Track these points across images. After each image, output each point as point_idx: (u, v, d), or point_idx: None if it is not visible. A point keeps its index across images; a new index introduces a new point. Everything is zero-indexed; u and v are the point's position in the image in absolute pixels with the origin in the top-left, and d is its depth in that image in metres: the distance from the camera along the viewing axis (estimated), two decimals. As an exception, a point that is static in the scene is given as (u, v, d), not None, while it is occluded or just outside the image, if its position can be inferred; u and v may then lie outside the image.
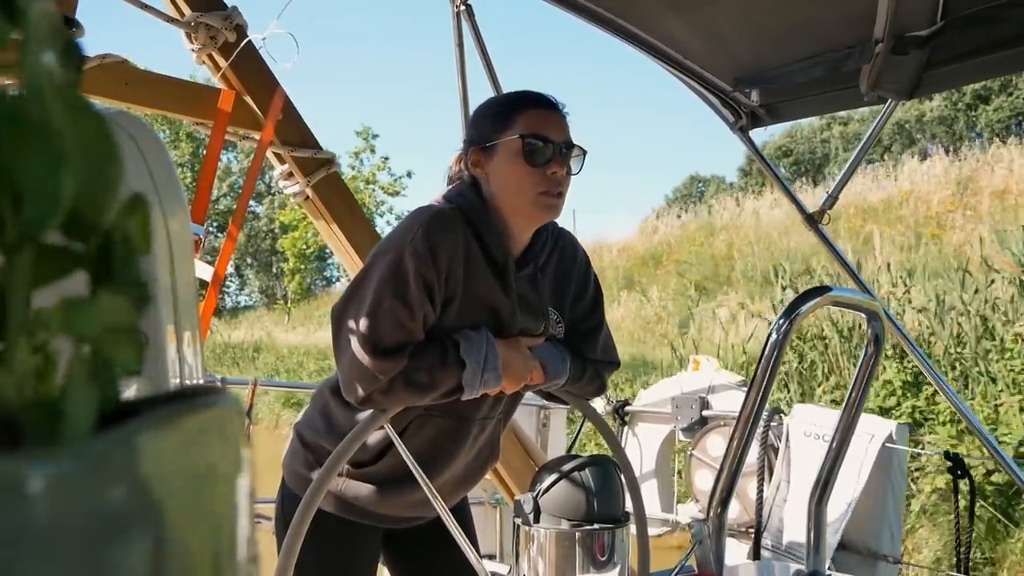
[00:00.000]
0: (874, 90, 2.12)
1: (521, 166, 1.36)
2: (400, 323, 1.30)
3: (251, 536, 0.24)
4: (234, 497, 0.23)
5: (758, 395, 1.43)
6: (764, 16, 2.13)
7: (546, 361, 1.45)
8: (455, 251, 1.34)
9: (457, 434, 1.50)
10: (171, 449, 0.20)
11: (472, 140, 1.44)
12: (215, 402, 0.23)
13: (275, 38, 2.34)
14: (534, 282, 1.47)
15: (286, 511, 1.54)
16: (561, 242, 1.55)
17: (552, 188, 1.37)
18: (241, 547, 0.23)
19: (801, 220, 2.60)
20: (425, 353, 1.33)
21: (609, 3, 2.25)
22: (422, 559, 1.64)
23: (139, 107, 2.25)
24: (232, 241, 2.52)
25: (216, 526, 0.22)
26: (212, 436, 0.22)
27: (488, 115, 1.44)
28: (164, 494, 0.20)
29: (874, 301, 1.71)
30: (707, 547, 1.45)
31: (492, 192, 1.41)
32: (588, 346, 1.55)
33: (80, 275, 0.21)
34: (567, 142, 1.39)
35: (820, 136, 22.77)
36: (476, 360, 1.34)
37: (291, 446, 1.60)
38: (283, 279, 27.05)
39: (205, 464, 0.22)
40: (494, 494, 3.20)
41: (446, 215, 1.36)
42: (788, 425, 2.86)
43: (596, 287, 1.59)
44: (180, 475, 0.20)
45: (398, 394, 1.32)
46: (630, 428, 3.49)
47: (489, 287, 1.39)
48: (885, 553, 2.58)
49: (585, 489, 1.41)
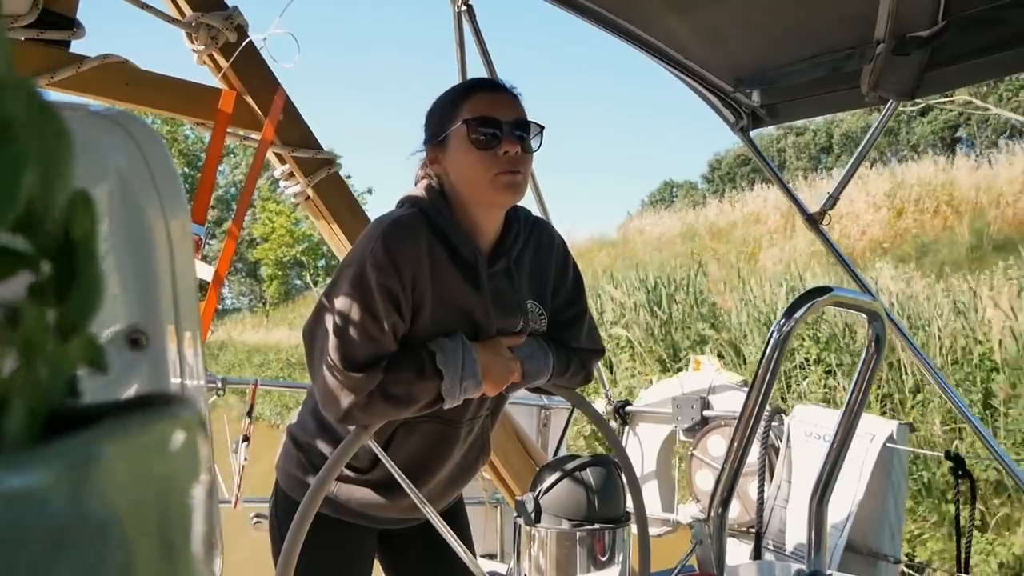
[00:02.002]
0: (875, 91, 2.12)
1: (472, 151, 1.33)
2: (370, 336, 1.28)
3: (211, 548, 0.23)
4: (191, 507, 0.22)
5: (759, 395, 1.43)
6: (765, 16, 2.13)
7: (528, 359, 1.43)
8: (417, 257, 1.31)
9: (446, 438, 1.49)
10: (124, 459, 0.20)
11: (427, 138, 1.41)
12: (176, 411, 0.22)
13: (275, 38, 2.35)
14: (509, 276, 1.43)
15: (280, 514, 1.54)
16: (536, 231, 1.51)
17: (507, 167, 1.32)
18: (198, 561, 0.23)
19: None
20: (401, 365, 1.31)
21: (610, 3, 2.25)
22: (418, 559, 1.64)
23: (140, 107, 2.25)
24: (233, 241, 2.52)
25: (172, 537, 0.21)
26: (169, 446, 0.22)
27: (436, 110, 1.41)
28: (117, 504, 0.19)
29: (875, 302, 1.71)
30: (708, 547, 1.46)
31: (453, 185, 1.38)
32: (571, 334, 1.52)
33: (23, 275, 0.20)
34: (518, 120, 1.35)
35: (776, 145, 23.04)
36: (453, 369, 1.32)
37: (284, 448, 1.60)
38: (263, 284, 29.65)
39: (162, 474, 0.21)
40: (494, 494, 3.20)
41: (404, 221, 1.34)
42: (789, 425, 2.86)
43: (576, 274, 1.55)
44: (135, 485, 0.20)
45: (377, 409, 1.30)
46: (631, 428, 3.48)
47: (460, 289, 1.36)
48: (886, 553, 2.58)
49: (586, 489, 1.41)
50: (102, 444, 0.19)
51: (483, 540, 3.22)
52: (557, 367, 1.47)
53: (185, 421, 0.22)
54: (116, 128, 0.77)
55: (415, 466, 1.47)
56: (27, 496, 0.17)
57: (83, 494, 0.18)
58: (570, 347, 1.51)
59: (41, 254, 0.20)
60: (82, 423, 0.20)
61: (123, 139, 0.76)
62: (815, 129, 21.91)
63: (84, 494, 0.18)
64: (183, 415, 0.22)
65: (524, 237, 1.46)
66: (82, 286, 0.21)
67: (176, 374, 0.76)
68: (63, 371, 0.21)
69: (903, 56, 2.01)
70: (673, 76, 2.49)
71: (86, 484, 0.18)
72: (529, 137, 1.36)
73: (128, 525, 0.19)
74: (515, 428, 2.81)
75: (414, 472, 1.47)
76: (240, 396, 5.05)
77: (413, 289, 1.31)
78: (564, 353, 1.49)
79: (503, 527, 3.29)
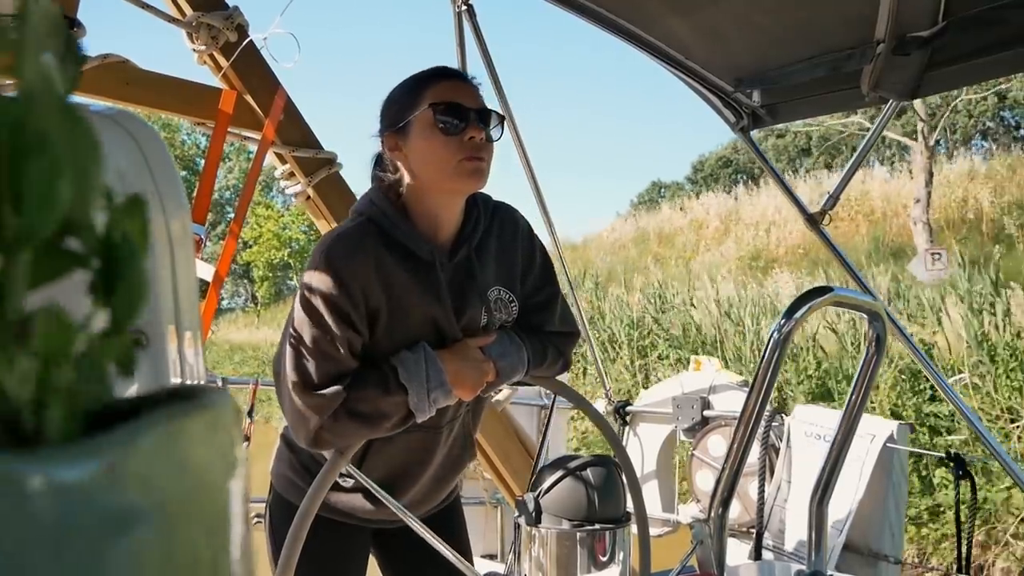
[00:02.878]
0: (875, 91, 2.12)
1: (437, 136, 1.30)
2: (324, 354, 1.26)
3: (246, 537, 0.24)
4: (229, 497, 0.23)
5: (759, 395, 1.43)
6: (765, 17, 2.13)
7: (500, 358, 1.39)
8: (366, 269, 1.28)
9: (426, 443, 1.47)
10: (167, 449, 0.20)
11: (385, 127, 1.38)
12: (212, 402, 0.23)
13: (276, 38, 2.35)
14: (470, 266, 1.39)
15: (274, 518, 1.54)
16: (499, 216, 1.46)
17: (472, 153, 1.30)
18: (236, 548, 0.23)
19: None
20: (365, 382, 1.28)
21: (611, 4, 2.25)
22: (412, 558, 1.64)
23: (140, 107, 2.26)
24: (234, 240, 2.52)
25: (212, 526, 0.22)
26: (209, 436, 0.22)
27: (396, 98, 1.38)
28: (161, 495, 0.20)
29: (876, 302, 1.70)
30: (708, 547, 1.46)
31: (413, 172, 1.34)
32: (544, 318, 1.48)
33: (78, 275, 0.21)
34: (481, 109, 1.33)
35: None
36: (418, 382, 1.30)
37: (278, 450, 1.59)
38: (254, 285, 31.36)
39: (202, 464, 0.22)
40: (494, 494, 3.20)
41: (347, 236, 1.32)
42: (789, 425, 2.86)
43: (544, 256, 1.51)
44: (177, 475, 0.20)
45: (346, 429, 1.28)
46: (631, 428, 3.48)
47: (416, 294, 1.33)
48: (886, 553, 2.58)
49: (586, 489, 1.41)
50: (144, 436, 0.20)
51: (483, 540, 3.22)
52: (533, 360, 1.43)
53: (222, 411, 0.23)
54: (117, 128, 0.77)
55: (397, 475, 1.46)
56: (74, 489, 0.18)
57: (127, 485, 0.19)
58: (544, 332, 1.48)
59: (91, 254, 0.21)
60: (120, 417, 0.20)
61: (124, 139, 0.76)
62: (795, 131, 22.15)
63: (128, 485, 0.19)
64: (220, 404, 0.23)
65: (485, 223, 1.42)
66: (127, 286, 0.22)
67: (176, 373, 0.76)
68: (102, 368, 0.21)
69: (903, 56, 2.01)
70: (672, 76, 2.49)
71: (130, 476, 0.19)
72: (490, 127, 1.34)
73: (171, 514, 0.20)
74: (515, 428, 2.81)
75: (396, 480, 1.46)
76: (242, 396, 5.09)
77: (366, 303, 1.29)
78: (539, 342, 1.45)
79: (503, 527, 3.29)
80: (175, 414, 0.21)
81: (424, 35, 64.16)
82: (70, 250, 0.21)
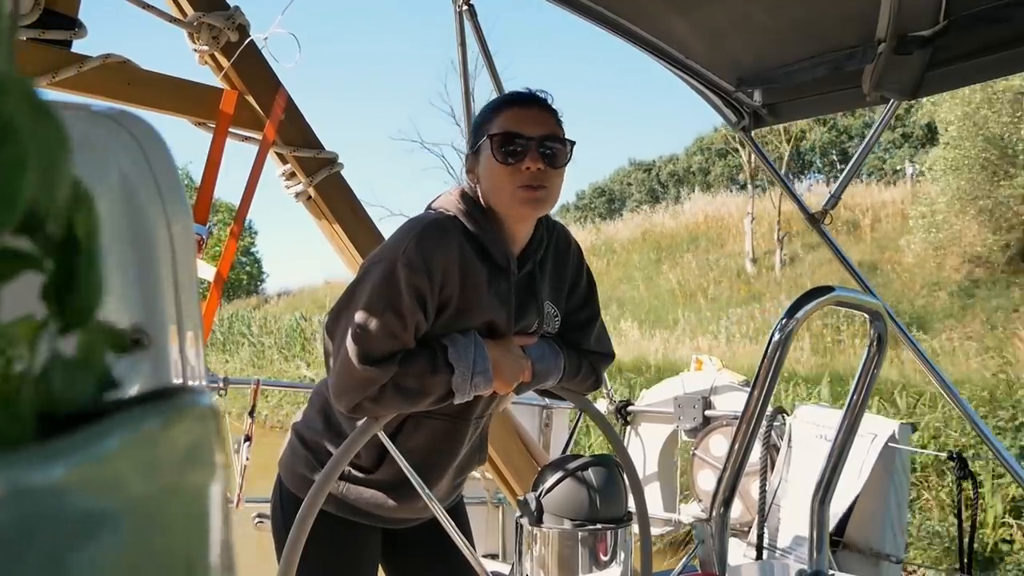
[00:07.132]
0: (876, 90, 2.12)
1: (496, 165, 1.36)
2: (392, 333, 1.30)
3: (227, 540, 0.23)
4: (207, 499, 0.22)
5: (761, 395, 1.42)
6: (766, 16, 2.13)
7: (539, 360, 1.44)
8: (449, 259, 1.33)
9: (453, 434, 1.50)
10: (138, 451, 0.20)
11: (469, 148, 1.47)
12: (189, 403, 0.22)
13: (276, 38, 2.35)
14: (532, 280, 1.46)
15: (286, 513, 1.53)
16: (555, 233, 1.53)
17: (528, 182, 1.35)
18: (214, 551, 0.22)
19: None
20: (414, 359, 1.32)
21: (612, 3, 2.25)
22: (420, 558, 1.64)
23: (141, 107, 2.25)
24: (235, 240, 2.52)
25: (188, 529, 0.22)
26: (184, 437, 0.22)
27: (476, 122, 1.45)
28: (131, 497, 0.19)
29: (877, 301, 1.70)
30: (710, 547, 1.45)
31: (484, 194, 1.41)
32: (582, 336, 1.54)
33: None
34: (544, 136, 1.36)
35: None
36: (465, 364, 1.34)
37: (289, 446, 1.59)
38: None
39: (177, 466, 0.21)
40: (496, 494, 3.21)
41: (440, 224, 1.36)
42: (791, 425, 2.86)
43: (589, 277, 1.58)
44: (149, 478, 0.20)
45: (388, 401, 1.31)
46: (633, 428, 3.49)
47: (486, 293, 1.38)
48: (888, 552, 2.58)
49: (588, 489, 1.41)
50: (111, 438, 0.19)
51: (485, 540, 3.22)
52: (568, 370, 1.48)
53: (200, 412, 0.22)
54: (118, 128, 0.77)
55: (421, 464, 1.47)
56: (40, 491, 0.17)
57: (93, 488, 0.18)
58: (580, 349, 1.53)
59: (45, 254, 0.20)
60: (94, 419, 0.20)
61: (125, 139, 0.76)
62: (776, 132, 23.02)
63: (94, 488, 0.18)
64: (196, 404, 0.22)
65: (546, 240, 1.49)
66: (83, 285, 0.21)
67: (178, 374, 0.76)
68: (67, 369, 0.21)
69: (905, 56, 2.01)
70: (675, 75, 2.49)
71: (95, 478, 0.18)
72: (557, 152, 1.38)
73: (143, 517, 0.19)
74: (517, 428, 2.81)
75: (419, 470, 1.47)
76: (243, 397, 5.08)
77: (441, 291, 1.33)
78: (576, 355, 1.51)
79: (505, 527, 3.29)
80: (147, 416, 0.21)
81: (424, 35, 64.20)
82: (23, 251, 0.20)
